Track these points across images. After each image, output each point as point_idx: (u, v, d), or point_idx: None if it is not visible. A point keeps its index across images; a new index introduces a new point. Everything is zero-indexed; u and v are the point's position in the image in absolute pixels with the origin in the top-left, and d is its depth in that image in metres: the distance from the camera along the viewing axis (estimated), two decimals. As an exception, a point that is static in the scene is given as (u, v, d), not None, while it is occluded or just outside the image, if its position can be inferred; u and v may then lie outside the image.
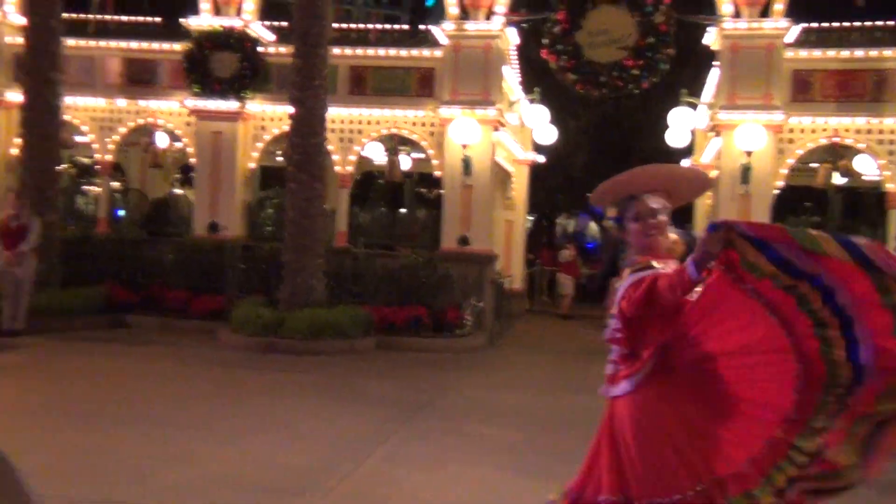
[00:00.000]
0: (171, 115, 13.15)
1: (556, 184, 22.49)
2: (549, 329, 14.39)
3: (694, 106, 13.46)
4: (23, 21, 11.92)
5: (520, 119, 15.43)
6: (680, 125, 13.58)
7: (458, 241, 11.89)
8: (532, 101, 14.40)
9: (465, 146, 11.77)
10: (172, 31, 13.39)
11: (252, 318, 9.99)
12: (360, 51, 12.56)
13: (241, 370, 8.46)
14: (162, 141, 13.91)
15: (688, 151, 15.18)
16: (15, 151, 12.49)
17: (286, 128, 11.29)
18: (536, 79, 15.26)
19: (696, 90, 13.81)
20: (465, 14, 11.95)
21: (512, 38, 12.57)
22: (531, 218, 22.65)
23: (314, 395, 7.32)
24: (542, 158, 17.42)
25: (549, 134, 15.24)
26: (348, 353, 9.81)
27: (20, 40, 11.87)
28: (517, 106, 14.77)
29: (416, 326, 10.75)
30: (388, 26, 14.53)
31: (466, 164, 11.83)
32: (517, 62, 14.44)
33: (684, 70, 16.17)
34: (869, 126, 11.42)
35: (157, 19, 14.50)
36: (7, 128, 13.12)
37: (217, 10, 12.57)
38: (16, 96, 12.13)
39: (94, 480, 4.51)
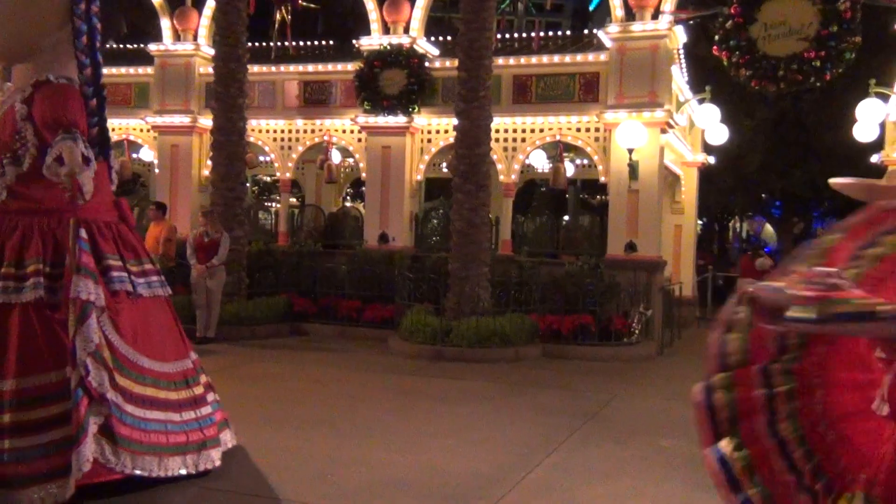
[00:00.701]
0: (344, 132, 13.81)
1: (728, 186, 21.48)
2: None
3: (885, 97, 12.39)
4: (212, 52, 12.95)
5: (689, 120, 14.87)
6: (869, 118, 12.53)
7: (625, 248, 11.61)
8: (702, 101, 13.82)
9: (631, 150, 11.49)
10: (345, 52, 14.10)
11: (420, 326, 10.25)
12: (523, 59, 12.60)
13: (412, 377, 8.70)
14: (336, 157, 14.62)
15: (877, 146, 14.00)
16: (206, 173, 13.60)
17: (451, 140, 11.52)
18: (706, 77, 14.66)
19: (886, 80, 12.72)
20: (630, 15, 11.69)
21: (680, 36, 12.15)
22: (701, 222, 21.72)
23: (482, 403, 7.39)
24: (712, 160, 16.69)
25: (720, 134, 14.57)
26: (514, 360, 9.83)
27: (210, 70, 12.89)
28: (686, 106, 14.25)
29: (583, 334, 10.60)
30: (550, 33, 14.48)
31: (633, 168, 11.54)
32: (685, 61, 13.94)
33: (873, 59, 14.95)
34: None
35: (331, 42, 15.33)
36: (200, 151, 14.31)
37: (386, 30, 13.08)
38: (207, 122, 13.19)
39: (278, 479, 4.79)
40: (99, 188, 4.52)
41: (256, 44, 14.20)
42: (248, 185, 13.93)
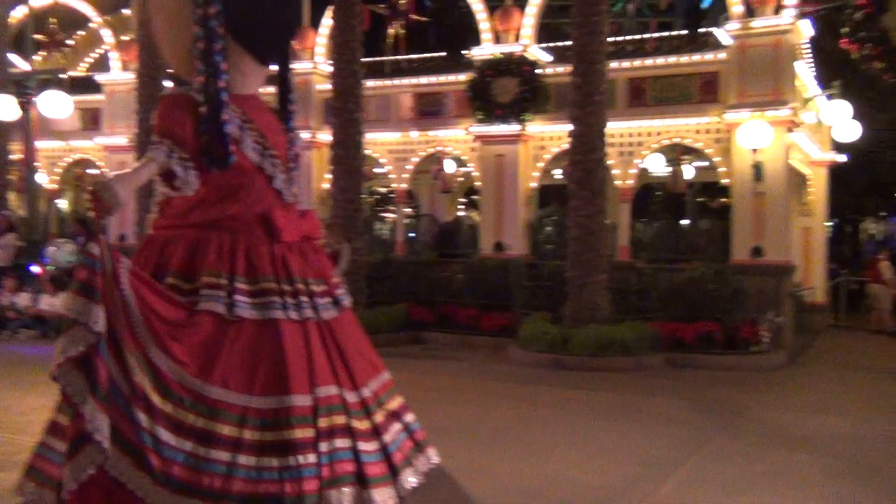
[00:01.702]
0: (458, 142, 13.94)
1: (860, 185, 20.32)
2: (857, 345, 12.94)
3: None
4: (329, 69, 13.37)
5: (816, 117, 14.16)
6: None
7: (751, 252, 11.16)
8: (830, 97, 13.14)
9: (755, 151, 11.05)
10: (457, 63, 14.26)
11: (538, 334, 10.19)
12: (637, 62, 12.36)
13: (532, 386, 8.65)
14: (450, 167, 14.78)
15: None
16: (326, 186, 14.03)
17: (565, 146, 11.42)
18: (835, 72, 13.93)
19: None
20: (750, 11, 11.27)
21: (804, 30, 11.61)
22: (831, 224, 20.64)
23: (605, 413, 7.26)
24: (843, 158, 15.83)
25: (851, 131, 13.80)
26: (635, 370, 9.62)
27: (328, 86, 13.30)
28: (813, 103, 13.58)
29: (708, 343, 10.26)
30: (664, 34, 14.15)
31: (757, 169, 11.09)
32: (811, 56, 13.29)
33: None
34: None
35: (443, 54, 15.54)
36: (319, 165, 14.79)
37: (497, 39, 13.13)
38: (326, 137, 13.62)
39: (407, 486, 4.84)
40: (234, 200, 4.31)
41: (371, 59, 14.55)
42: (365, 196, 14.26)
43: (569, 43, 11.32)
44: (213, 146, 4.08)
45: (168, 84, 13.16)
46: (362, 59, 12.51)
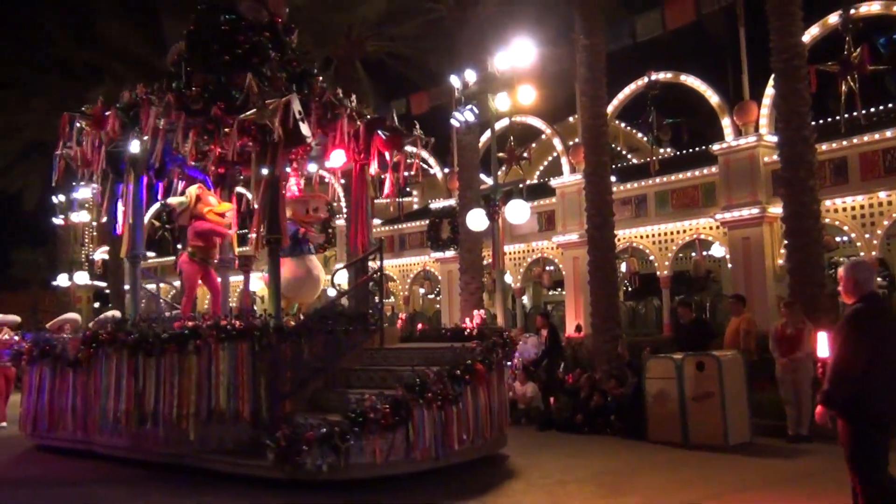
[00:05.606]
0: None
1: None
2: None
3: None
4: (775, 139, 12.63)
5: None
6: None
7: None
8: None
9: None
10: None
11: None
12: None
13: None
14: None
15: None
16: (781, 262, 13.07)
17: None
18: None
19: None
20: None
21: None
22: None
23: None
24: None
25: None
26: None
27: (775, 157, 12.56)
28: None
29: None
30: None
31: None
32: None
33: None
34: None
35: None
36: (771, 240, 13.90)
37: None
38: (776, 210, 12.79)
39: None
40: None
41: (820, 120, 13.43)
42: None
43: None
44: None
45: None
46: (812, 123, 11.57)
